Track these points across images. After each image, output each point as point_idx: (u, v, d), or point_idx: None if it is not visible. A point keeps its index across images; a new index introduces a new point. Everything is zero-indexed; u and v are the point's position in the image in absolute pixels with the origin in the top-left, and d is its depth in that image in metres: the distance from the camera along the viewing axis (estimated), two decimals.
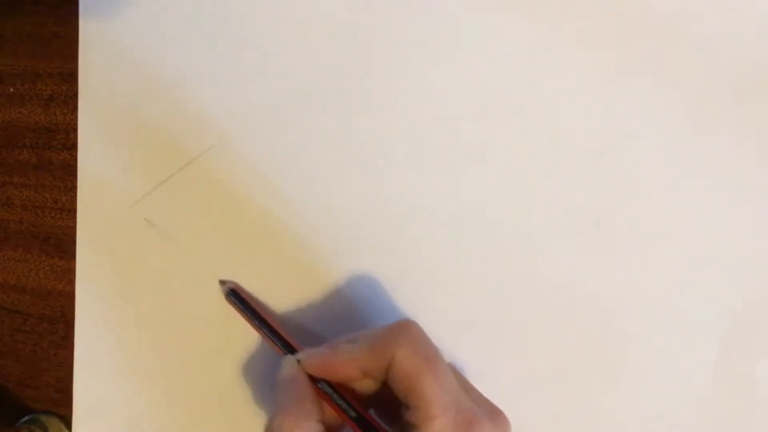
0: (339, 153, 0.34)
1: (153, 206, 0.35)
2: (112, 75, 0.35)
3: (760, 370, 0.31)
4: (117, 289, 0.35)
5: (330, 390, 0.28)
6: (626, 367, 0.32)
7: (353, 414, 0.28)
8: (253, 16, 0.34)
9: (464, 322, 0.32)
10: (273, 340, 0.31)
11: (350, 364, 0.27)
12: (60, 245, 0.36)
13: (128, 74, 0.35)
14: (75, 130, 0.36)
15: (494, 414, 0.27)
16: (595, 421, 0.32)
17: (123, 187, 0.35)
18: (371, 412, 0.29)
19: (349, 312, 0.33)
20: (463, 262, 0.33)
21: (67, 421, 0.36)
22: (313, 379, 0.28)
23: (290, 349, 0.30)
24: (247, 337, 0.34)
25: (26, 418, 0.36)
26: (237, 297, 0.33)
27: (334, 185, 0.34)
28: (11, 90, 0.37)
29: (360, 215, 0.33)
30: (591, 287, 0.32)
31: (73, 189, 0.36)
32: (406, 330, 0.27)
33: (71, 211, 0.36)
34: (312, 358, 0.28)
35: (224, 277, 0.34)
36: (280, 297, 0.34)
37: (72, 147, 0.36)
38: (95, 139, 0.36)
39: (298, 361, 0.29)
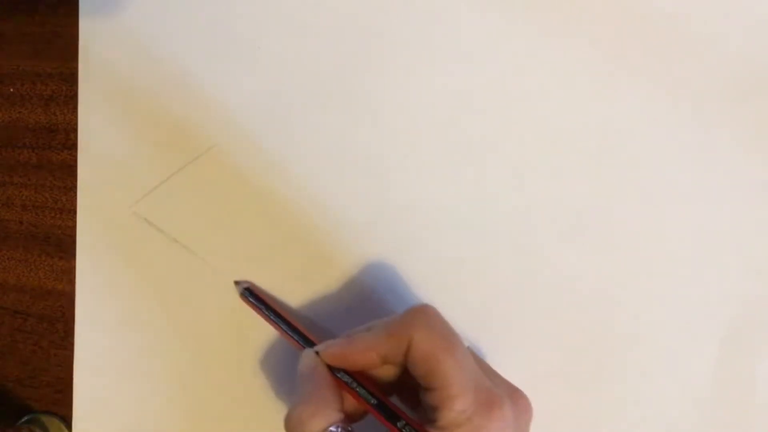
0: (340, 151, 0.34)
1: (153, 206, 0.35)
2: (112, 75, 0.35)
3: (760, 370, 0.31)
4: (117, 289, 0.35)
5: (349, 379, 0.28)
6: (626, 366, 0.32)
7: (373, 401, 0.27)
8: (253, 16, 0.34)
9: (465, 321, 0.32)
10: (291, 336, 0.31)
11: (369, 351, 0.27)
12: (60, 245, 0.36)
13: (128, 74, 0.35)
14: (75, 130, 0.36)
15: (516, 395, 0.27)
16: (595, 420, 0.32)
17: (123, 187, 0.35)
18: (393, 398, 0.28)
19: (358, 305, 0.33)
20: (463, 262, 0.33)
21: (67, 421, 0.36)
22: (333, 370, 0.28)
23: (309, 343, 0.30)
24: (247, 336, 0.34)
25: (26, 418, 0.36)
26: (253, 296, 0.33)
27: (335, 184, 0.34)
28: (11, 90, 0.37)
29: (361, 214, 0.33)
30: (591, 287, 0.32)
31: (73, 189, 0.36)
32: (423, 312, 0.27)
33: (71, 211, 0.36)
34: (331, 347, 0.28)
35: (232, 277, 0.34)
36: (283, 294, 0.34)
37: (72, 147, 0.36)
38: (95, 139, 0.36)
39: (317, 353, 0.28)
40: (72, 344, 0.36)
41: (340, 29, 0.34)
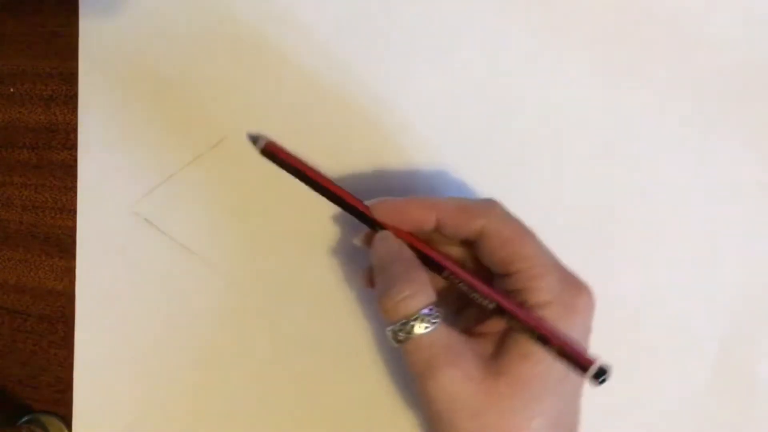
0: (339, 149, 0.34)
1: (153, 206, 0.35)
2: (112, 75, 0.35)
3: (760, 370, 0.31)
4: (117, 289, 0.35)
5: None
6: (626, 366, 0.32)
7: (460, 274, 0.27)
8: (253, 15, 0.34)
9: None
10: (334, 198, 0.29)
11: (428, 209, 0.27)
12: (60, 245, 0.36)
13: (128, 74, 0.35)
14: (75, 130, 0.36)
15: (587, 285, 0.27)
16: (594, 421, 0.32)
17: (123, 187, 0.35)
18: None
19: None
20: None
21: (67, 421, 0.36)
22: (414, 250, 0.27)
23: (351, 208, 0.29)
24: (247, 335, 0.34)
25: (26, 418, 0.36)
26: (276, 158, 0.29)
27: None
28: (11, 90, 0.37)
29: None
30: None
31: (73, 189, 0.36)
32: (497, 204, 0.27)
33: (71, 211, 0.36)
34: (385, 202, 0.28)
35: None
36: (284, 292, 0.34)
37: (72, 147, 0.36)
38: (95, 139, 0.36)
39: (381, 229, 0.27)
40: (72, 344, 0.36)
41: (339, 31, 0.34)
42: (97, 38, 0.36)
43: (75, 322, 0.36)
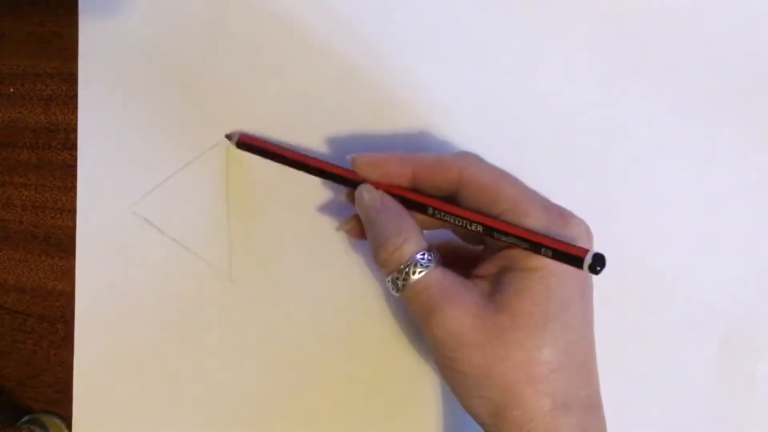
0: (340, 150, 0.34)
1: (153, 206, 0.35)
2: (112, 75, 0.35)
3: (760, 370, 0.31)
4: (117, 289, 0.35)
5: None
6: (626, 366, 0.32)
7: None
8: (253, 15, 0.34)
9: None
10: (315, 172, 0.31)
11: (406, 163, 0.28)
12: (60, 245, 0.36)
13: (128, 74, 0.35)
14: (75, 130, 0.36)
15: (576, 215, 0.27)
16: None
17: (123, 187, 0.35)
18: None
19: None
20: None
21: (67, 421, 0.36)
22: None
23: (335, 177, 0.30)
24: (247, 335, 0.34)
25: (26, 418, 0.36)
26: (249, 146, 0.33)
27: (330, 185, 0.34)
28: (11, 90, 0.37)
29: None
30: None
31: (73, 189, 0.36)
32: (471, 154, 0.28)
33: (71, 211, 0.36)
34: (365, 155, 0.29)
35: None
36: (283, 296, 0.34)
37: (72, 147, 0.36)
38: (95, 139, 0.36)
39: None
40: (72, 344, 0.36)
41: (340, 31, 0.34)
42: (97, 38, 0.36)
43: (75, 322, 0.36)
